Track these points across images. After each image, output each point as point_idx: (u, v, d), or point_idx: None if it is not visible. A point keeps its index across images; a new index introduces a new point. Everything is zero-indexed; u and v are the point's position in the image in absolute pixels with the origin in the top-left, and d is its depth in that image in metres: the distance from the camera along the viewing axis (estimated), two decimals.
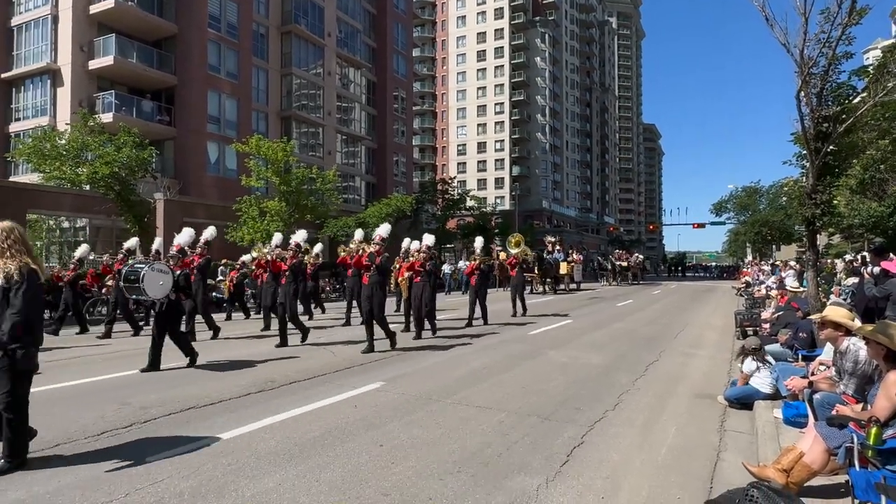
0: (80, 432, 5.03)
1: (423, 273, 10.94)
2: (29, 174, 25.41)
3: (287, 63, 36.16)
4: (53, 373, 7.81)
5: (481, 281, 13.24)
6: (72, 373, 7.81)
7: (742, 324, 11.74)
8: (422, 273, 10.94)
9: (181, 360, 8.48)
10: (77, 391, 6.71)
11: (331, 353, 9.32)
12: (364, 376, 7.44)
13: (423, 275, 10.92)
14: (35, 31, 28.58)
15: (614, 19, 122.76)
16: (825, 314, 4.76)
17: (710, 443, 5.10)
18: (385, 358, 8.85)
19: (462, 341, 10.67)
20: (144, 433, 5.04)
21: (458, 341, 10.66)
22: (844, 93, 7.90)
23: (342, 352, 9.43)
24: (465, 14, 79.12)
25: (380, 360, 8.70)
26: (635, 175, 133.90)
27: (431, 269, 11.16)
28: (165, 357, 8.00)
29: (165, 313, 7.96)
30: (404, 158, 49.59)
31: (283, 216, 23.71)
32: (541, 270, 25.63)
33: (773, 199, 44.38)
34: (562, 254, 28.14)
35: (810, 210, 8.01)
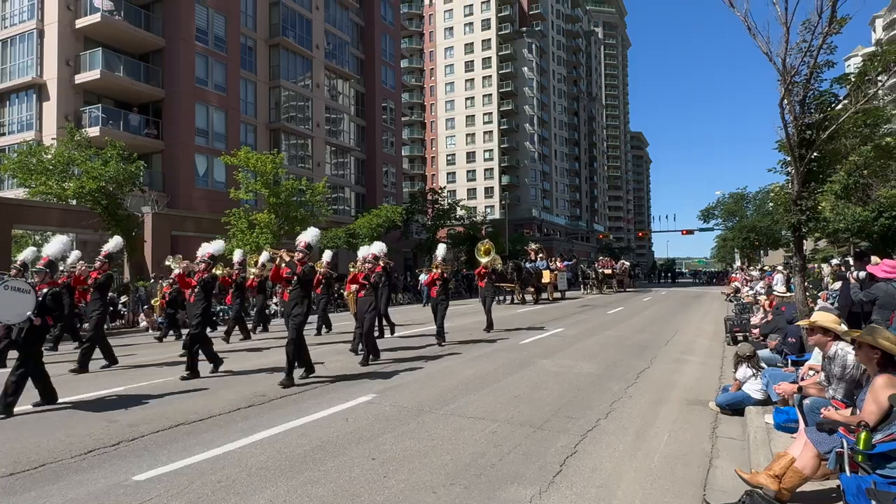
0: (66, 451, 4.95)
1: (367, 286, 9.61)
2: (14, 189, 25.14)
3: (275, 75, 36.17)
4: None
5: (442, 292, 11.95)
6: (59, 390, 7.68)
7: (732, 329, 11.82)
8: (366, 286, 9.61)
9: (167, 376, 8.41)
10: (63, 409, 6.61)
11: (323, 366, 9.25)
12: (355, 389, 7.40)
13: (369, 288, 9.58)
14: (20, 45, 28.39)
15: (600, 29, 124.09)
16: (814, 319, 4.80)
17: (703, 450, 5.11)
18: (376, 370, 8.80)
19: (453, 351, 10.64)
20: (133, 451, 4.96)
21: (449, 351, 10.63)
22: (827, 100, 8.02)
23: (333, 364, 9.37)
24: (453, 25, 79.67)
25: (371, 372, 8.65)
26: (624, 183, 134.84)
27: (377, 281, 9.90)
28: (154, 372, 7.91)
29: (25, 340, 6.53)
30: (394, 169, 49.63)
31: (273, 228, 23.63)
32: (520, 280, 24.59)
33: (759, 205, 44.80)
34: (544, 262, 27.24)
35: (796, 216, 8.10)
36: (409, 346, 11.32)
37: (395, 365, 9.21)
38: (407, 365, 9.23)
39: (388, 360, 9.63)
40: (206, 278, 9.02)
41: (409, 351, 10.70)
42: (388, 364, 9.29)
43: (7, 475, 4.40)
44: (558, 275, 27.77)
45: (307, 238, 8.50)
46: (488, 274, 14.60)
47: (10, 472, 4.45)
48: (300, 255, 8.17)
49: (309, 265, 8.21)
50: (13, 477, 4.36)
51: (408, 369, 8.84)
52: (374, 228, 31.78)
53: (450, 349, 10.93)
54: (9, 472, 4.45)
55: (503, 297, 25.50)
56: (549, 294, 26.92)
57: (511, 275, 23.79)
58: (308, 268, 8.14)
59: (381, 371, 8.69)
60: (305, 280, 8.08)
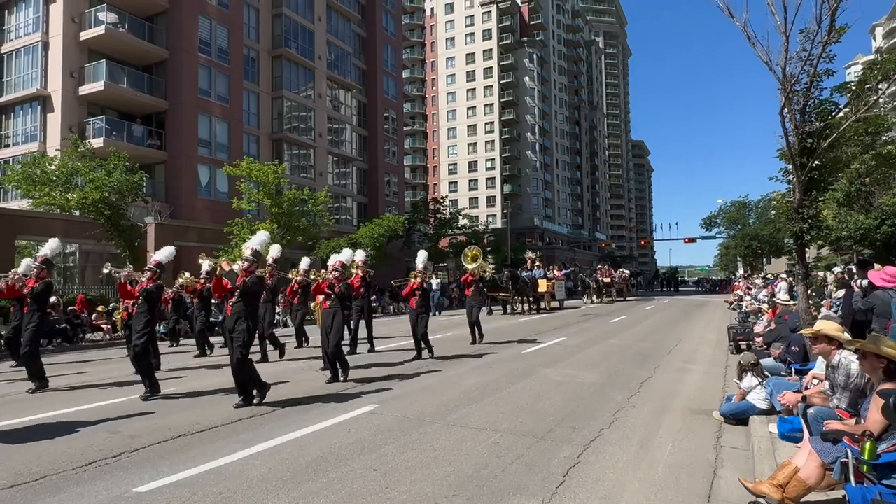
0: (67, 463, 4.94)
1: (332, 297, 8.67)
2: (18, 200, 25.26)
3: (278, 86, 36.40)
4: (39, 402, 7.70)
5: (423, 304, 11.04)
6: (59, 401, 7.69)
7: (735, 338, 11.77)
8: (331, 297, 8.69)
9: (168, 387, 8.41)
10: (64, 420, 6.60)
11: (323, 375, 9.23)
12: (357, 399, 7.37)
13: (333, 299, 8.64)
14: (25, 57, 28.64)
15: (601, 39, 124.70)
16: (819, 328, 4.78)
17: (707, 459, 5.08)
18: (378, 380, 8.78)
19: (455, 361, 10.62)
20: (134, 462, 4.95)
21: (451, 361, 10.61)
22: (827, 109, 8.03)
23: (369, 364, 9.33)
24: (454, 35, 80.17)
25: (373, 382, 8.63)
26: (626, 191, 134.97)
27: (345, 291, 8.76)
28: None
29: None
30: (395, 178, 49.76)
31: (275, 238, 23.66)
32: (515, 289, 23.84)
33: (761, 213, 44.79)
34: (541, 270, 26.51)
35: (798, 224, 8.08)
36: (409, 356, 11.28)
37: (396, 375, 9.19)
38: (408, 375, 9.20)
39: (388, 371, 9.60)
40: (150, 289, 8.04)
41: (409, 362, 10.66)
42: (390, 375, 9.26)
43: (8, 487, 4.39)
44: (556, 284, 27.16)
45: (254, 244, 7.62)
46: (475, 282, 13.68)
47: (11, 485, 4.44)
48: (245, 264, 7.22)
49: (255, 275, 7.18)
50: (14, 489, 4.35)
51: (409, 379, 8.81)
52: (376, 238, 31.81)
53: (451, 359, 10.91)
54: (10, 485, 4.44)
55: (498, 306, 24.99)
56: (547, 304, 26.30)
57: (506, 283, 23.24)
58: (253, 279, 7.10)
59: (383, 381, 8.67)
60: (249, 293, 7.05)
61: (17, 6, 29.11)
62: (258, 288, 7.33)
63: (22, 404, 7.55)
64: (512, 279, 23.38)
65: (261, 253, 7.62)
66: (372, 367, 9.47)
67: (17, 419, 6.57)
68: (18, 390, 8.62)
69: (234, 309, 7.06)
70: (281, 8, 36.41)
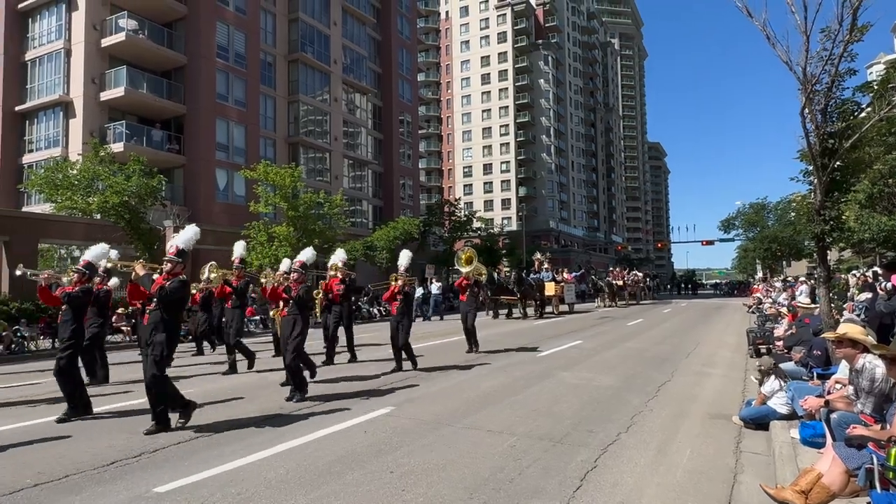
0: (89, 463, 5.01)
1: (290, 303, 7.75)
2: (41, 204, 25.76)
3: (294, 90, 36.73)
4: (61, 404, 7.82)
5: (404, 308, 9.99)
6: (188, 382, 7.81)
7: (755, 342, 11.62)
8: (289, 303, 7.78)
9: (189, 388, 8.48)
10: (84, 421, 6.69)
11: (341, 377, 9.27)
12: (374, 402, 7.39)
13: (292, 306, 7.72)
14: (48, 64, 29.24)
15: (616, 40, 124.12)
16: (843, 331, 4.69)
17: (727, 465, 5.01)
18: (395, 382, 8.79)
19: (471, 363, 10.60)
20: (154, 463, 5.01)
21: (467, 363, 10.59)
22: (849, 109, 7.90)
23: (351, 376, 9.38)
24: (469, 39, 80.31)
25: (390, 385, 8.64)
26: (642, 193, 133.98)
27: (303, 296, 7.76)
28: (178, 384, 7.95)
29: None
30: (411, 181, 49.92)
31: (292, 241, 23.86)
32: (521, 292, 22.76)
33: (781, 215, 44.16)
34: (549, 273, 25.38)
35: (819, 226, 7.95)
36: (428, 357, 11.28)
37: (412, 377, 9.20)
38: (425, 377, 9.21)
39: (405, 372, 9.60)
40: (74, 293, 6.92)
41: (426, 363, 10.66)
42: (406, 376, 9.28)
43: (32, 486, 4.46)
44: (565, 287, 26.14)
45: (179, 242, 6.51)
46: (470, 286, 12.57)
47: (35, 483, 4.51)
48: (168, 266, 6.29)
49: (178, 280, 6.19)
50: (38, 488, 4.42)
51: (426, 381, 8.82)
52: (392, 241, 31.95)
53: (466, 362, 10.89)
54: (34, 483, 4.51)
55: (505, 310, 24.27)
56: (555, 307, 25.29)
57: (512, 286, 22.42)
58: (175, 284, 6.12)
59: (400, 383, 8.68)
60: (169, 300, 6.06)
61: (40, 14, 29.73)
62: (180, 294, 6.19)
63: (43, 405, 7.67)
64: (518, 281, 22.57)
65: (186, 252, 6.45)
66: (341, 382, 8.71)
67: (39, 419, 6.68)
68: (36, 392, 8.77)
69: (150, 317, 6.10)
70: (297, 13, 36.76)
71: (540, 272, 25.07)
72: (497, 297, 23.32)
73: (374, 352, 12.72)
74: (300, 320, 7.63)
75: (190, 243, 6.57)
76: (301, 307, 7.70)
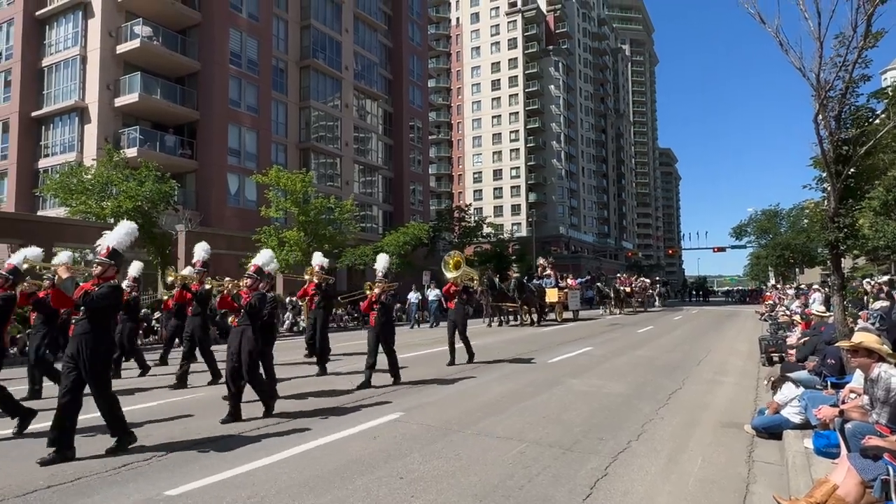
0: (100, 465, 5.05)
1: (242, 312, 6.91)
2: (56, 208, 26.08)
3: (305, 96, 37.00)
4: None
5: (383, 318, 9.12)
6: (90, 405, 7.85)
7: (767, 350, 11.50)
8: (241, 312, 6.94)
9: (201, 392, 8.54)
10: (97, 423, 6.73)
11: (350, 383, 9.28)
12: (383, 407, 7.40)
13: (242, 315, 6.91)
14: (64, 71, 29.67)
15: (627, 46, 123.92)
16: (859, 340, 4.64)
17: (739, 474, 4.95)
18: (403, 388, 8.79)
19: (481, 369, 10.57)
20: (165, 466, 5.04)
21: (478, 369, 10.57)
22: (863, 115, 7.83)
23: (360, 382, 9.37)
24: (480, 45, 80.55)
25: (398, 390, 8.64)
26: (652, 200, 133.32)
27: (256, 304, 6.84)
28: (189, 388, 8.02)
29: None
30: (421, 187, 50.05)
31: (302, 246, 23.97)
32: (522, 299, 22.10)
33: (793, 221, 43.80)
34: (551, 279, 24.71)
35: (833, 234, 7.87)
36: (433, 364, 11.28)
37: (422, 383, 9.19)
38: (435, 383, 9.20)
39: (415, 378, 9.60)
40: None
41: (434, 369, 10.66)
42: (416, 382, 9.27)
43: (45, 488, 4.50)
44: (569, 293, 25.46)
45: (111, 241, 5.77)
46: (458, 293, 11.59)
47: (48, 485, 4.55)
48: (98, 269, 5.57)
49: (107, 285, 5.43)
50: (51, 489, 4.46)
51: (436, 387, 8.81)
52: (401, 246, 31.98)
53: (476, 369, 10.86)
54: (46, 485, 4.55)
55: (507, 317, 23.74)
56: (558, 315, 24.54)
57: (513, 293, 21.78)
58: (104, 289, 5.36)
59: (409, 389, 8.68)
60: (96, 308, 5.31)
61: (57, 21, 30.20)
62: (109, 301, 5.42)
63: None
64: (518, 288, 21.90)
65: (121, 254, 5.75)
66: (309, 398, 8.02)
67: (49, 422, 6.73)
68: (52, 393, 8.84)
69: (77, 328, 5.41)
70: (309, 20, 37.07)
71: (543, 278, 24.67)
72: (498, 304, 22.82)
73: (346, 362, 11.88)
74: (249, 332, 6.72)
75: (124, 243, 5.85)
76: (253, 317, 6.83)
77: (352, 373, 10.30)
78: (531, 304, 22.87)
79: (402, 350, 14.20)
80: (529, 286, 22.79)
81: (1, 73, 31.21)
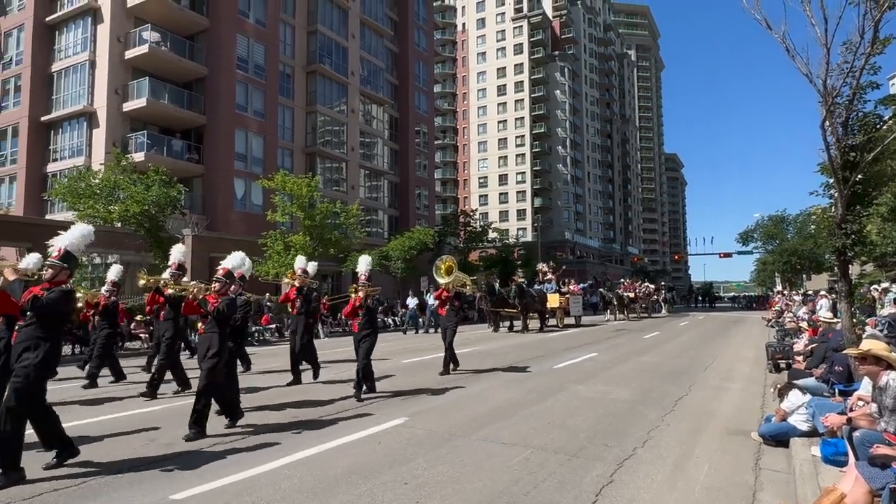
0: (106, 468, 5.07)
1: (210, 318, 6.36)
2: (64, 212, 26.24)
3: (312, 101, 37.15)
4: (78, 409, 7.92)
5: (367, 325, 8.59)
6: (98, 408, 7.91)
7: (774, 356, 11.43)
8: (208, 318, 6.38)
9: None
10: (103, 427, 6.77)
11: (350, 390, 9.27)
12: (388, 412, 7.39)
13: (210, 321, 6.36)
14: (74, 76, 29.92)
15: (633, 52, 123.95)
16: (868, 348, 4.61)
17: (746, 482, 4.92)
18: (409, 392, 8.78)
19: (486, 375, 10.56)
20: (170, 470, 5.05)
21: (482, 375, 10.55)
22: (871, 122, 7.81)
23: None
24: (486, 50, 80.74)
25: (404, 394, 8.64)
26: (658, 205, 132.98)
27: (224, 310, 6.31)
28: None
29: None
30: (426, 192, 50.10)
31: (308, 250, 24.02)
32: (522, 304, 21.56)
33: (800, 227, 43.59)
34: (552, 284, 24.27)
35: (841, 240, 7.84)
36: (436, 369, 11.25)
37: (427, 388, 9.18)
38: (439, 388, 9.18)
39: (419, 383, 9.59)
40: None
41: (438, 374, 10.63)
42: (421, 387, 9.26)
43: (51, 491, 4.52)
44: (571, 299, 25.05)
45: (64, 243, 5.37)
46: (451, 299, 11.14)
47: (53, 489, 4.57)
48: (49, 273, 5.19)
49: (58, 290, 5.04)
50: (57, 493, 4.48)
51: (440, 393, 8.80)
52: (407, 251, 32.01)
53: (481, 374, 10.85)
54: (52, 489, 4.57)
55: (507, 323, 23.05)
56: (559, 320, 24.08)
57: (513, 298, 21.34)
58: (55, 294, 4.97)
59: (414, 394, 8.67)
60: (45, 314, 4.91)
61: (67, 27, 30.47)
62: (59, 307, 5.03)
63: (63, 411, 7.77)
64: (518, 293, 21.37)
65: (74, 256, 5.40)
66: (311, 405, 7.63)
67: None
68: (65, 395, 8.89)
69: (20, 335, 4.97)
70: (316, 25, 37.26)
71: (544, 283, 24.28)
72: (498, 310, 22.45)
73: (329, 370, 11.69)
74: (216, 340, 6.21)
75: (78, 246, 5.45)
76: (221, 324, 6.30)
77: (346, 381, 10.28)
78: (531, 310, 22.44)
79: (405, 355, 14.25)
80: (530, 291, 22.38)
81: (11, 78, 31.52)
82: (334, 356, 13.60)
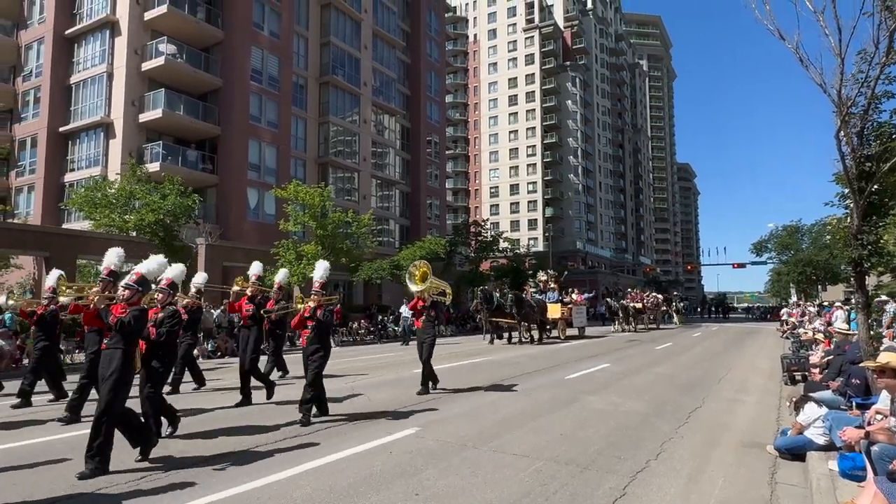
0: (120, 476, 5.11)
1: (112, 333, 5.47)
2: (81, 221, 26.61)
3: (324, 112, 37.49)
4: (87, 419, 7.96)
5: (319, 334, 7.48)
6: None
7: (789, 368, 11.28)
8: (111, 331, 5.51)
9: (222, 403, 8.59)
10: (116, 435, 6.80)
11: (366, 398, 9.29)
12: (399, 422, 7.38)
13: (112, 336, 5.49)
14: (91, 87, 30.45)
15: (645, 62, 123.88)
16: (886, 360, 4.54)
17: (761, 496, 4.85)
18: (420, 402, 8.77)
19: (497, 386, 10.51)
20: (182, 478, 5.07)
21: (494, 385, 10.51)
22: (887, 132, 7.74)
23: (376, 396, 9.39)
24: (497, 61, 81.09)
25: (415, 404, 8.62)
26: (671, 215, 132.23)
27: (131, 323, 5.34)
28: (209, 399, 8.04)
29: None
30: (437, 201, 50.24)
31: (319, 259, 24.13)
32: (520, 315, 20.68)
33: (815, 238, 43.05)
34: (554, 294, 23.43)
35: (857, 251, 7.75)
36: (448, 379, 11.23)
37: (437, 398, 9.16)
38: (450, 398, 9.16)
39: (430, 394, 9.56)
40: None
41: (450, 384, 10.60)
42: (431, 397, 9.24)
43: (66, 496, 4.56)
44: (574, 309, 24.09)
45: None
46: (427, 309, 9.92)
47: (68, 494, 4.61)
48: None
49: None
50: (72, 499, 4.52)
51: (451, 403, 8.77)
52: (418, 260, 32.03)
53: (491, 385, 10.80)
54: (67, 494, 4.61)
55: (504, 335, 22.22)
56: (560, 332, 22.96)
57: (510, 308, 20.35)
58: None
59: (424, 404, 8.65)
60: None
61: (85, 40, 31.07)
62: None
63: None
64: (517, 303, 20.39)
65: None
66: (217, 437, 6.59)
67: (70, 433, 6.83)
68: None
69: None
70: (329, 37, 37.67)
71: (546, 292, 23.41)
72: (495, 320, 21.43)
73: None
74: (119, 357, 5.35)
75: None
76: (127, 338, 5.41)
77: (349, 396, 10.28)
78: (530, 321, 21.50)
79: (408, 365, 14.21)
80: (529, 301, 21.25)
81: (31, 90, 32.15)
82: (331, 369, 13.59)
